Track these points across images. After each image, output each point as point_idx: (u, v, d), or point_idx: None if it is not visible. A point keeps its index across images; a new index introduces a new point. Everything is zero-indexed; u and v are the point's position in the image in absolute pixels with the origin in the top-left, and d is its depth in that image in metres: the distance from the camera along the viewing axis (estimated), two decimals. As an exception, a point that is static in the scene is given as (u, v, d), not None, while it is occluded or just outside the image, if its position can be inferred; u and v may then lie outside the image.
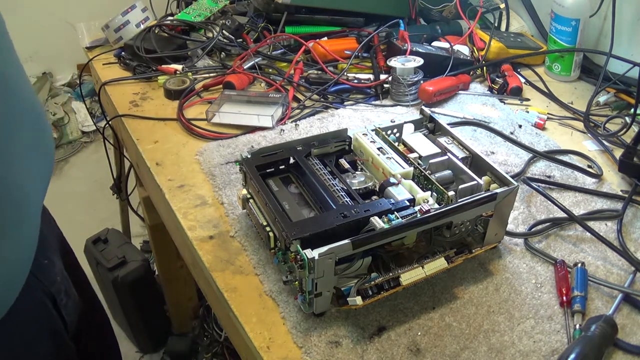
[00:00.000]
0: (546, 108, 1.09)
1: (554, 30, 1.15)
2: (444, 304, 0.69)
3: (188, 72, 1.16)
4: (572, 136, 1.01)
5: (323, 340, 0.64)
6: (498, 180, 0.72)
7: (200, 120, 1.03)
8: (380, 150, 0.76)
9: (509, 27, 1.31)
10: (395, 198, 0.68)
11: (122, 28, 1.22)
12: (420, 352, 0.63)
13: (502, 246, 0.77)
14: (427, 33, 1.26)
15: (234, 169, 0.90)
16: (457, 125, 1.02)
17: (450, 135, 0.80)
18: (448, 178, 0.74)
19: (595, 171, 0.91)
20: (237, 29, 1.22)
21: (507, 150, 0.96)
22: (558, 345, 0.64)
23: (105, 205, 2.10)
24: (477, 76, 1.19)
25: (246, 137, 0.99)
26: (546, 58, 1.21)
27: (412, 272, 0.65)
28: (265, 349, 0.63)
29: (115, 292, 1.50)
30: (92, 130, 2.65)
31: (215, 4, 1.31)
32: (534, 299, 0.69)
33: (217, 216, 0.82)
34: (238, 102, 1.06)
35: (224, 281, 0.72)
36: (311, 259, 0.59)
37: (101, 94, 1.17)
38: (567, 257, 0.75)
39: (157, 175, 0.91)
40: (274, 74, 1.16)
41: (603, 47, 1.15)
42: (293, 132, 1.00)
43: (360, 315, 0.67)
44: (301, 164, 0.75)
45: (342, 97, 1.11)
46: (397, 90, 1.08)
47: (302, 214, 0.70)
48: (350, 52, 1.18)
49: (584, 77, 1.19)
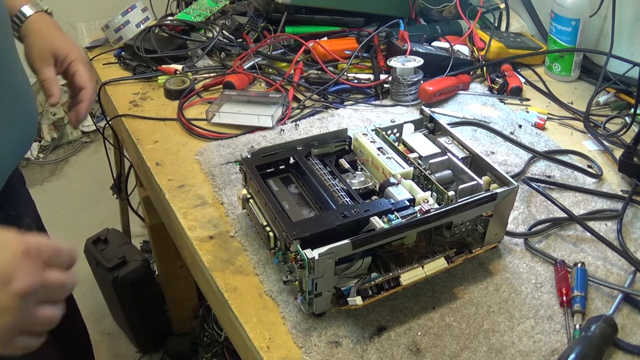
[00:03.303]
0: (546, 108, 1.09)
1: (554, 30, 1.15)
2: (444, 304, 0.69)
3: (188, 72, 1.16)
4: (572, 136, 1.01)
5: (323, 340, 0.64)
6: (498, 180, 0.72)
7: (200, 120, 1.03)
8: (380, 150, 0.76)
9: (509, 27, 1.31)
10: (395, 198, 0.68)
11: (122, 28, 1.21)
12: (420, 352, 0.63)
13: (502, 246, 0.77)
14: (427, 33, 1.26)
15: (234, 169, 0.90)
16: (457, 125, 1.02)
17: (450, 135, 0.80)
18: (448, 178, 0.74)
19: (595, 171, 0.91)
20: (237, 29, 1.22)
21: (507, 150, 0.96)
22: (558, 345, 0.64)
23: (105, 205, 2.10)
24: (477, 76, 1.19)
25: (246, 137, 0.99)
26: (546, 58, 1.21)
27: (412, 272, 0.65)
28: (265, 349, 0.63)
29: (115, 292, 1.50)
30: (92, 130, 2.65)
31: (215, 4, 1.31)
32: (534, 299, 0.69)
33: (217, 216, 0.82)
34: (238, 102, 1.06)
35: (224, 281, 0.72)
36: (311, 259, 0.59)
37: (101, 94, 1.17)
38: (567, 257, 0.75)
39: (157, 175, 0.91)
40: (274, 74, 1.16)
41: (603, 47, 1.15)
42: (293, 132, 1.00)
43: (360, 315, 0.67)
44: (301, 164, 0.75)
45: (342, 97, 1.11)
46: (397, 90, 1.08)
47: (302, 214, 0.70)
48: (350, 52, 1.17)
49: (584, 77, 1.19)
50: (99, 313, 1.77)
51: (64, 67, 0.86)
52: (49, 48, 0.84)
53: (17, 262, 0.48)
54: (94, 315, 1.78)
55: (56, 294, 0.51)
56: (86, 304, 1.68)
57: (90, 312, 1.76)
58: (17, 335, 0.49)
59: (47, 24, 0.87)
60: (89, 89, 0.87)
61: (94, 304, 1.76)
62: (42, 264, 0.50)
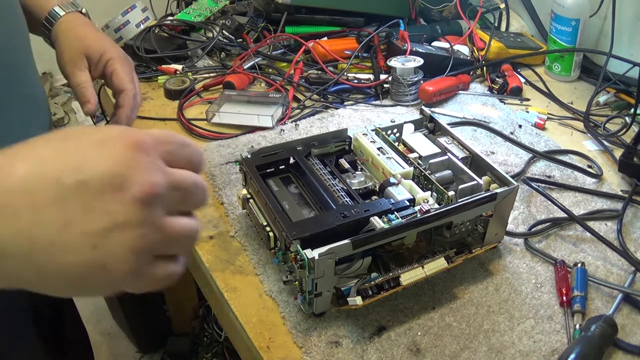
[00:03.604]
0: (546, 108, 1.09)
1: (554, 30, 1.15)
2: (444, 304, 0.69)
3: (188, 72, 1.16)
4: (572, 136, 1.01)
5: (323, 340, 0.64)
6: (498, 180, 0.72)
7: (200, 120, 1.03)
8: (380, 150, 0.76)
9: (509, 27, 1.31)
10: (395, 198, 0.68)
11: (122, 28, 1.21)
12: (420, 352, 0.63)
13: (502, 246, 0.77)
14: (427, 33, 1.26)
15: (234, 169, 0.90)
16: (457, 125, 1.02)
17: (450, 135, 0.80)
18: (448, 178, 0.74)
19: (595, 171, 0.91)
20: (237, 29, 1.22)
21: (507, 150, 0.96)
22: (558, 345, 0.64)
23: (105, 205, 2.10)
24: (477, 76, 1.19)
25: (246, 137, 0.99)
26: (546, 58, 1.21)
27: (412, 272, 0.65)
28: (265, 349, 0.63)
29: (115, 292, 1.50)
30: (92, 130, 2.64)
31: (215, 4, 1.31)
32: (534, 299, 0.69)
33: (217, 216, 0.82)
34: (238, 102, 1.06)
35: (224, 281, 0.72)
36: (311, 259, 0.59)
37: (101, 94, 1.16)
38: (567, 257, 0.75)
39: (157, 175, 0.90)
40: (274, 74, 1.16)
41: (603, 47, 1.15)
42: (293, 132, 1.00)
43: (360, 315, 0.67)
44: (301, 164, 0.75)
45: (342, 97, 1.11)
46: (397, 90, 1.08)
47: (302, 214, 0.70)
48: (350, 52, 1.18)
49: (584, 77, 1.19)
50: (99, 313, 1.77)
51: (100, 68, 0.77)
52: (80, 49, 0.75)
53: (129, 158, 0.34)
54: (94, 315, 1.78)
55: (191, 198, 0.37)
56: (86, 304, 1.69)
57: (90, 312, 1.76)
58: (150, 261, 0.35)
59: (79, 23, 0.78)
60: (128, 92, 0.77)
61: (94, 304, 1.76)
62: (164, 158, 0.36)
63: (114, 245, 0.33)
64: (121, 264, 0.33)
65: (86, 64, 0.76)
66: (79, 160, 0.33)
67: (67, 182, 0.32)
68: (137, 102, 0.78)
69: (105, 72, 0.77)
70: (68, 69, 0.76)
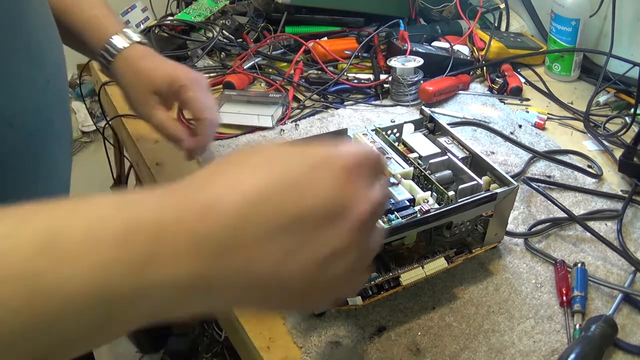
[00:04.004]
0: (546, 108, 1.09)
1: (554, 30, 1.15)
2: (444, 304, 0.69)
3: (188, 72, 1.15)
4: (572, 136, 1.01)
5: (323, 340, 0.64)
6: (498, 180, 0.72)
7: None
8: (380, 150, 0.76)
9: (509, 27, 1.31)
10: (395, 198, 0.68)
11: (122, 28, 1.21)
12: (420, 352, 0.63)
13: (502, 246, 0.77)
14: (427, 33, 1.26)
15: (234, 169, 0.90)
16: (457, 125, 1.02)
17: (450, 135, 0.80)
18: (448, 178, 0.73)
19: (595, 171, 0.91)
20: (237, 29, 1.22)
21: (507, 150, 0.96)
22: (558, 345, 0.64)
23: (105, 205, 2.10)
24: (477, 76, 1.19)
25: (246, 137, 0.99)
26: (546, 58, 1.21)
27: (412, 272, 0.65)
28: (265, 349, 0.63)
29: (115, 292, 1.50)
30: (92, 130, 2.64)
31: (215, 4, 1.31)
32: (534, 299, 0.69)
33: (217, 216, 0.81)
34: (238, 102, 1.06)
35: (224, 281, 0.72)
36: (311, 259, 0.59)
37: (101, 94, 1.16)
38: (567, 257, 0.75)
39: (157, 175, 0.90)
40: (274, 74, 1.16)
41: (603, 47, 1.15)
42: (293, 132, 1.00)
43: (360, 315, 0.67)
44: (301, 164, 0.74)
45: (342, 97, 1.11)
46: (397, 90, 1.08)
47: (302, 214, 0.70)
48: (350, 52, 1.17)
49: (584, 77, 1.19)
50: (99, 313, 1.77)
51: (172, 99, 0.73)
52: (147, 87, 0.71)
53: (345, 186, 0.34)
54: (94, 315, 1.78)
55: (382, 210, 0.40)
56: (86, 304, 1.68)
57: (90, 312, 1.76)
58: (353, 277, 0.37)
59: (139, 56, 0.72)
60: (204, 121, 0.72)
61: (94, 304, 1.76)
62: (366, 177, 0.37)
63: (332, 271, 0.34)
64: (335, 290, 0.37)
65: (157, 99, 0.72)
66: (296, 190, 0.33)
67: (287, 214, 0.32)
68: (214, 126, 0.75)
69: (180, 101, 0.74)
70: (140, 112, 0.73)
